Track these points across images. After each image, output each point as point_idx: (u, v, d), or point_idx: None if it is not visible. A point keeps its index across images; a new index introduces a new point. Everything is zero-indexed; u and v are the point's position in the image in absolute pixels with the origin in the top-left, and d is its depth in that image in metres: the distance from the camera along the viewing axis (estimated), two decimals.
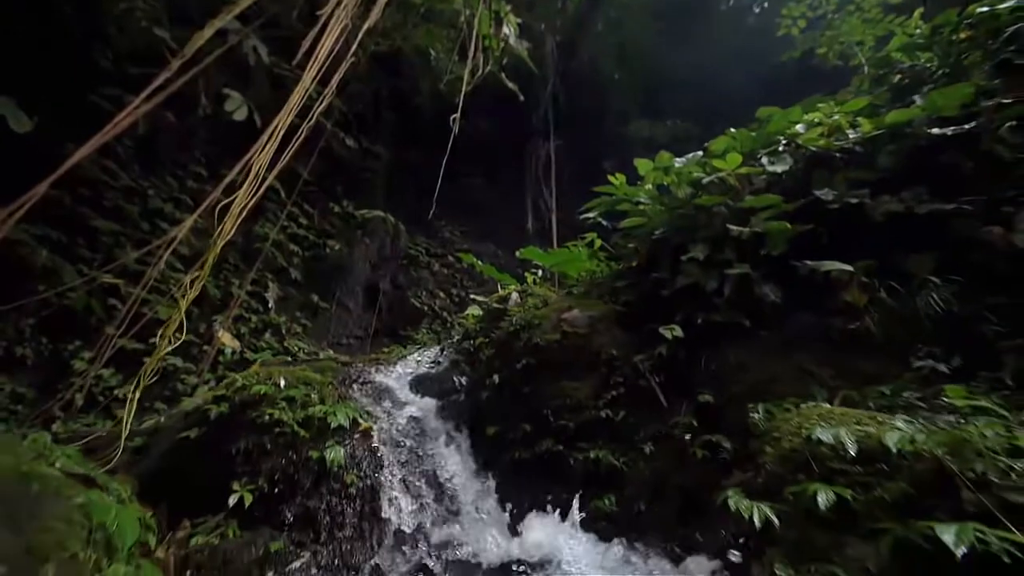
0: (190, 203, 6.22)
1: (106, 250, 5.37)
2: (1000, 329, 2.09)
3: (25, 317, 4.74)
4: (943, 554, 1.08)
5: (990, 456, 1.27)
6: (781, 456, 1.56)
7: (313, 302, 7.16)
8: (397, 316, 7.52)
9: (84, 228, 5.24)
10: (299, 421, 2.49)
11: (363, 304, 7.67)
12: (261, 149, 2.63)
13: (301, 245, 7.31)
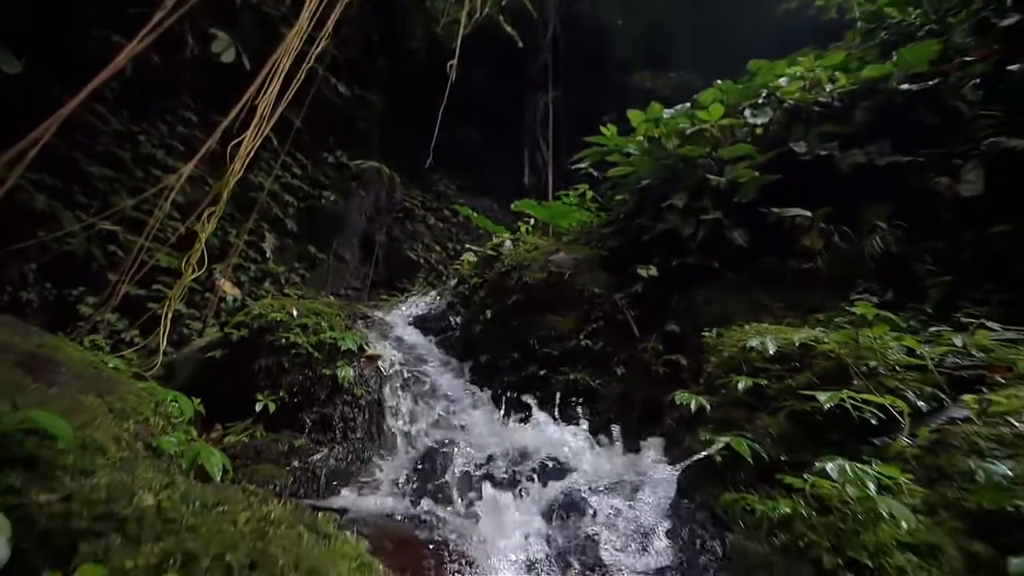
0: (181, 149, 6.31)
1: (102, 197, 5.51)
2: (932, 268, 2.42)
3: (27, 262, 4.98)
4: (823, 416, 1.45)
5: (880, 353, 1.63)
6: (721, 362, 1.93)
7: (310, 253, 7.41)
8: (393, 268, 7.80)
9: (78, 174, 5.36)
10: (312, 344, 2.84)
11: (360, 256, 7.94)
12: (265, 89, 2.78)
13: (296, 195, 7.45)
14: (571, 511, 1.51)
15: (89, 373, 1.67)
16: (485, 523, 1.44)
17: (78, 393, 1.42)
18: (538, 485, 1.80)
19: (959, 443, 1.16)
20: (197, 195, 4.85)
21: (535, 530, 1.39)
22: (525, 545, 1.28)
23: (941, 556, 0.93)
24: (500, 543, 1.29)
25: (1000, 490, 0.98)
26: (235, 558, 0.80)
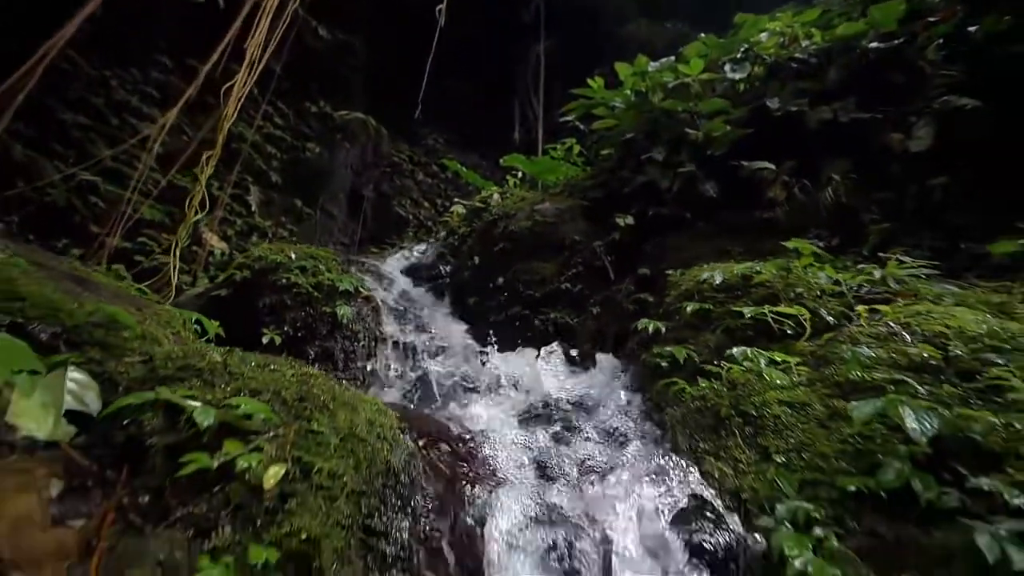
0: (156, 96, 6.25)
1: (78, 146, 5.51)
2: (876, 218, 2.76)
3: (9, 214, 5.05)
4: (750, 328, 1.81)
5: (806, 281, 1.98)
6: (678, 294, 2.27)
7: (297, 207, 7.51)
8: (382, 224, 7.96)
9: (53, 122, 5.34)
10: (312, 285, 3.12)
11: (347, 211, 8.06)
12: (254, 31, 2.88)
13: (279, 147, 7.45)
14: (545, 407, 1.89)
15: (122, 292, 1.95)
16: (476, 411, 1.80)
17: (120, 304, 1.70)
18: (517, 394, 2.17)
19: (844, 339, 1.53)
20: (176, 144, 4.92)
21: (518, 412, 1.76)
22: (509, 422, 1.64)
23: (809, 409, 1.30)
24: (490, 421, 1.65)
25: (862, 367, 1.35)
26: (288, 393, 1.12)
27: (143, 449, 1.05)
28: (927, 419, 1.05)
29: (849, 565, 0.89)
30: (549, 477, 1.27)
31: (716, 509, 1.07)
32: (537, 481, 1.25)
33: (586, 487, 1.21)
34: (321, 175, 7.68)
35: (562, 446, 1.43)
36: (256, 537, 0.89)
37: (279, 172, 7.22)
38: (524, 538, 1.01)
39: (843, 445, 1.14)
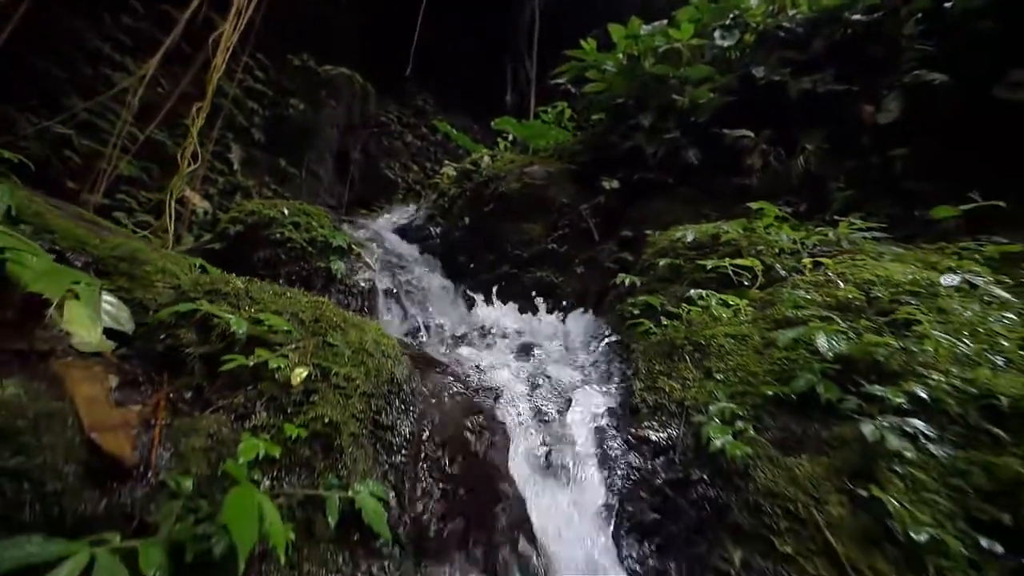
0: (128, 44, 6.06)
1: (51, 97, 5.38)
2: (841, 185, 3.00)
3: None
4: (712, 279, 2.05)
5: (766, 240, 2.22)
6: (654, 251, 2.50)
7: (281, 166, 7.46)
8: (370, 187, 7.97)
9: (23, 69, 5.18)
10: (306, 240, 3.26)
11: (334, 173, 8.02)
12: None
13: (260, 102, 7.32)
14: (531, 348, 2.13)
15: (132, 236, 2.09)
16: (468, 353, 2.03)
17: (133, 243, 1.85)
18: (504, 341, 2.41)
19: (788, 286, 1.78)
20: (152, 97, 4.85)
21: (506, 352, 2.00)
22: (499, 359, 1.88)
23: (748, 340, 1.55)
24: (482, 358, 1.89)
25: (796, 306, 1.60)
26: (304, 315, 1.33)
27: (181, 358, 1.25)
28: (836, 341, 1.31)
29: (759, 446, 1.16)
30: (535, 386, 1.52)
31: (664, 412, 1.33)
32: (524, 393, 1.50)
33: (564, 396, 1.46)
34: (306, 134, 7.58)
35: (545, 375, 1.68)
36: (287, 420, 1.11)
37: (261, 129, 7.12)
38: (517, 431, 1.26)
39: (771, 366, 1.40)
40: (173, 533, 0.88)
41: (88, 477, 0.89)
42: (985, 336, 1.48)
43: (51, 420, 0.89)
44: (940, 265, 1.91)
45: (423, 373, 1.51)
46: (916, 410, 1.18)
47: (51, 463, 0.85)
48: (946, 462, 1.11)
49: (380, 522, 1.05)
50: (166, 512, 0.90)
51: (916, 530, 0.98)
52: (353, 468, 1.13)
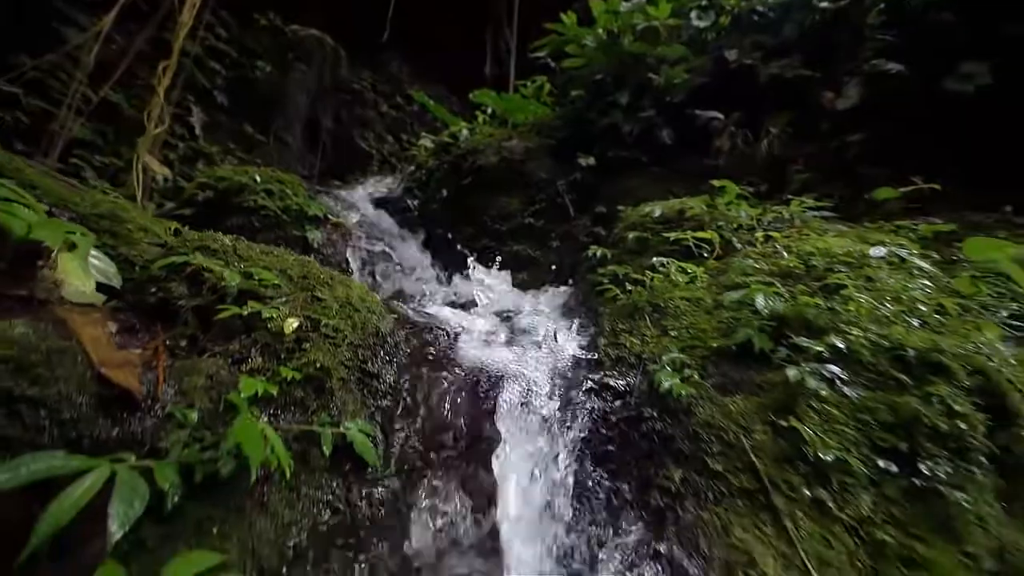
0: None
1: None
2: (800, 168, 3.24)
3: None
4: (676, 252, 2.24)
5: (727, 216, 2.42)
6: (625, 225, 2.67)
7: (247, 133, 7.22)
8: (343, 158, 7.83)
9: None
10: (280, 208, 3.28)
11: (303, 141, 7.82)
12: None
13: (223, 63, 7.02)
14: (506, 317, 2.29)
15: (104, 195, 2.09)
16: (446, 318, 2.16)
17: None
18: (482, 309, 2.55)
19: (740, 256, 1.98)
20: (106, 55, 4.63)
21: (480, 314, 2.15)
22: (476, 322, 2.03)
23: (701, 302, 1.75)
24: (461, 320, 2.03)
25: (744, 273, 1.81)
26: (292, 272, 1.43)
27: (173, 309, 1.34)
28: (773, 302, 1.52)
29: (701, 388, 1.36)
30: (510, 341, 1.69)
31: (624, 363, 1.52)
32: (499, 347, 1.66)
33: (535, 350, 1.62)
34: (273, 98, 7.34)
35: (519, 333, 1.84)
36: (281, 364, 1.23)
37: (225, 92, 6.85)
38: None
39: (718, 324, 1.60)
40: (183, 456, 1.01)
41: (100, 407, 1.00)
42: (905, 301, 1.72)
43: (62, 356, 0.98)
44: (874, 240, 2.16)
45: (404, 330, 1.64)
46: (835, 359, 1.41)
47: (65, 393, 0.95)
48: (856, 401, 1.34)
49: (369, 452, 1.19)
50: (175, 440, 1.02)
51: (825, 452, 1.21)
52: (343, 408, 1.26)
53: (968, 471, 1.26)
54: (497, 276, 3.24)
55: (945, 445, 1.27)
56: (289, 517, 1.05)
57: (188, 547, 0.93)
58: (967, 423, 1.31)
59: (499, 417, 1.33)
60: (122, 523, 0.83)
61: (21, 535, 0.86)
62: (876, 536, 1.11)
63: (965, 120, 3.15)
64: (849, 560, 1.05)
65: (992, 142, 3.08)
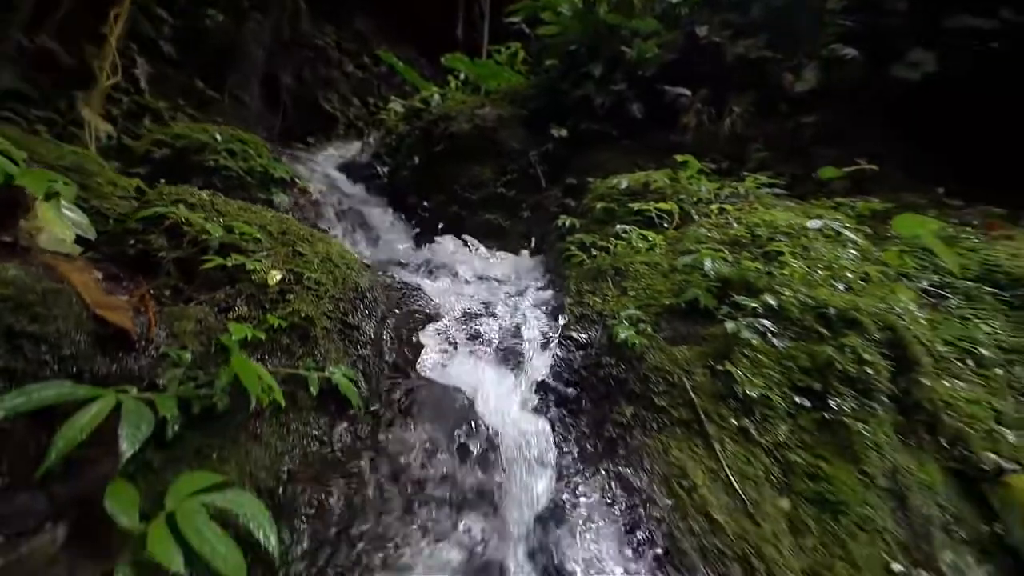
0: None
1: None
2: (759, 147, 3.49)
3: None
4: (638, 222, 2.43)
5: (688, 189, 2.62)
6: (594, 196, 2.84)
7: (198, 88, 6.83)
8: (306, 119, 7.55)
9: None
10: (244, 170, 3.24)
11: (262, 100, 7.47)
12: None
13: (171, 10, 6.56)
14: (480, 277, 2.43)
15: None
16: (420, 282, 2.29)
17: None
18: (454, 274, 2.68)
19: (696, 226, 2.19)
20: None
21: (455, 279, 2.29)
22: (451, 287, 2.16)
23: (658, 266, 1.95)
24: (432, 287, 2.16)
25: (697, 241, 2.02)
26: (272, 228, 1.51)
27: (154, 261, 1.40)
28: (719, 266, 1.74)
29: (653, 339, 1.57)
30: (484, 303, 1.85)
31: (587, 319, 1.71)
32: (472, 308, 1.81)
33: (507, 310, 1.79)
34: (226, 51, 6.93)
35: (491, 295, 1.99)
36: (267, 313, 1.33)
37: (172, 43, 6.42)
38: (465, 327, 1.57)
39: (672, 285, 1.81)
40: (180, 392, 1.11)
41: (98, 345, 1.08)
42: (834, 268, 1.99)
43: (57, 297, 1.05)
44: (815, 215, 2.42)
45: (381, 288, 1.76)
46: (768, 315, 1.64)
47: (64, 331, 1.03)
48: (782, 349, 1.58)
49: (353, 394, 1.33)
50: (171, 377, 1.12)
51: (752, 390, 1.45)
52: (327, 356, 1.39)
53: (870, 408, 1.53)
54: (469, 243, 3.36)
55: (853, 386, 1.54)
56: (281, 447, 1.18)
57: (190, 469, 1.05)
58: (873, 369, 1.58)
59: (476, 364, 1.49)
60: (131, 443, 0.94)
61: (32, 458, 0.96)
62: (789, 457, 1.36)
63: (910, 106, 3.47)
64: (765, 475, 1.30)
65: (932, 128, 3.42)
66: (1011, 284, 2.48)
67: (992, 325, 2.23)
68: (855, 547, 1.20)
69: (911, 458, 1.54)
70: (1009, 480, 1.59)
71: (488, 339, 1.64)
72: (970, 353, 2.02)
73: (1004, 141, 3.26)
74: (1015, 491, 1.57)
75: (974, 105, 3.36)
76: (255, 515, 0.96)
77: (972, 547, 1.48)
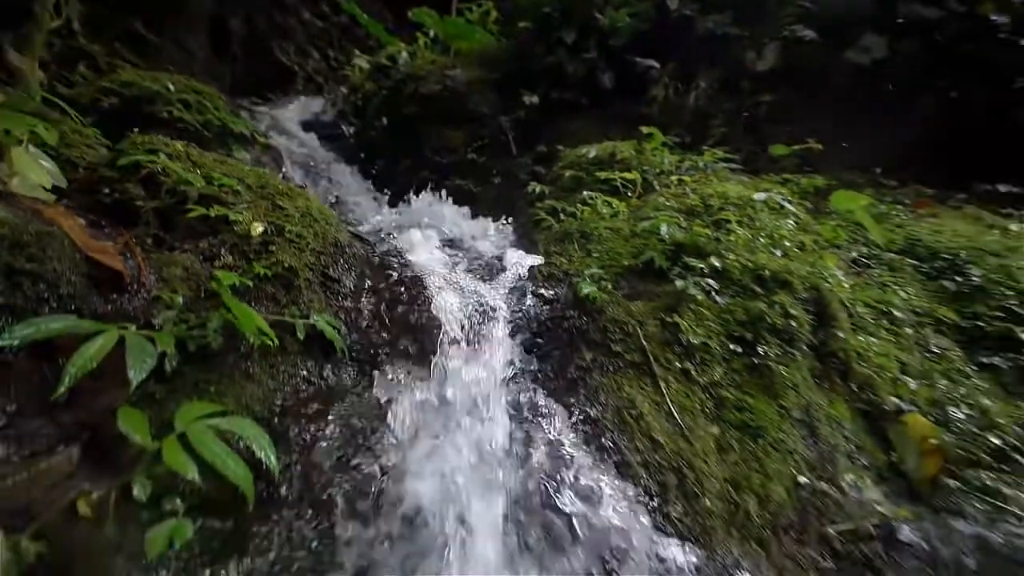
0: None
1: None
2: (719, 123, 3.74)
3: None
4: (602, 189, 2.61)
5: (651, 161, 2.82)
6: (563, 165, 3.00)
7: (137, 32, 6.34)
8: (259, 71, 7.17)
9: None
10: (200, 123, 3.16)
11: (210, 48, 7.02)
12: None
13: None
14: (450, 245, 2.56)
15: None
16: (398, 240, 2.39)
17: None
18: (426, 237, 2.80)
19: (656, 195, 2.40)
20: None
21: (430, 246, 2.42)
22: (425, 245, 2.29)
23: (621, 231, 2.15)
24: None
25: (656, 209, 2.23)
26: (250, 181, 1.58)
27: (132, 210, 1.45)
28: (674, 231, 1.95)
29: (612, 295, 1.78)
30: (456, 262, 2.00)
31: (554, 278, 1.89)
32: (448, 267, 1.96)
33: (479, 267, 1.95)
34: None
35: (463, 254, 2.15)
36: (251, 264, 1.43)
37: None
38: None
39: (632, 248, 2.02)
40: (175, 331, 1.22)
41: (93, 286, 1.16)
42: (774, 236, 2.26)
43: (50, 238, 1.12)
44: (763, 189, 2.69)
45: (358, 244, 1.86)
46: (713, 275, 1.89)
47: (60, 270, 1.11)
48: (722, 305, 1.83)
49: (337, 340, 1.47)
50: (165, 318, 1.22)
51: (694, 338, 1.69)
52: (310, 305, 1.51)
53: (792, 355, 1.82)
54: (441, 204, 3.46)
55: (779, 336, 1.81)
56: (272, 385, 1.32)
57: (190, 401, 1.17)
58: (797, 322, 1.86)
59: (453, 318, 1.65)
60: (139, 371, 1.05)
61: (37, 389, 1.06)
62: (721, 393, 1.63)
63: (859, 89, 3.79)
64: (700, 407, 1.56)
65: (877, 111, 3.77)
66: (930, 257, 2.88)
67: (908, 292, 2.61)
68: (769, 463, 1.48)
69: (823, 398, 1.86)
70: (906, 419, 1.94)
71: (463, 294, 1.80)
72: (885, 314, 2.37)
73: (938, 127, 3.64)
74: (910, 428, 1.92)
75: (915, 91, 3.72)
76: (256, 437, 1.11)
77: (871, 471, 1.82)
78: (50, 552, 0.82)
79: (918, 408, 1.99)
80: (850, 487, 1.70)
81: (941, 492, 1.78)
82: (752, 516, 1.33)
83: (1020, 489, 1.88)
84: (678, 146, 3.48)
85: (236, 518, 1.02)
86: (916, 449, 1.84)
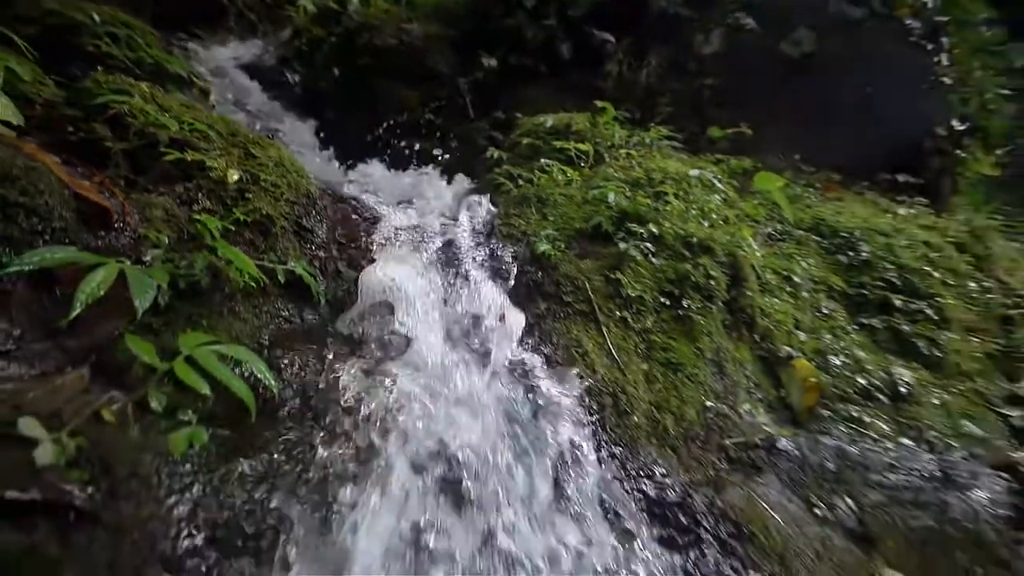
0: None
1: None
2: (667, 102, 4.10)
3: None
4: (560, 158, 2.88)
5: (603, 134, 3.11)
6: (520, 132, 3.21)
7: None
8: (184, 6, 6.56)
9: None
10: (132, 60, 3.00)
11: None
12: None
13: None
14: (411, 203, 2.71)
15: None
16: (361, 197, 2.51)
17: None
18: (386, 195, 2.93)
19: (606, 166, 2.71)
20: None
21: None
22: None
23: (573, 197, 2.43)
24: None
25: (605, 179, 2.53)
26: (221, 128, 1.67)
27: (100, 151, 1.50)
28: (620, 199, 2.27)
29: (565, 254, 2.07)
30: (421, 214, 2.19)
31: (513, 238, 2.15)
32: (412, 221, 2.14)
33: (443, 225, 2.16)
34: None
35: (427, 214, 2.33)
36: (230, 210, 1.55)
37: None
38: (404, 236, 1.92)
39: (583, 213, 2.31)
40: (166, 269, 1.34)
41: (82, 222, 1.25)
42: (704, 209, 2.65)
43: (39, 173, 1.19)
44: (698, 166, 3.08)
45: (329, 199, 2.00)
46: (650, 240, 2.23)
47: (52, 205, 1.19)
48: (656, 265, 2.19)
49: (314, 284, 1.64)
50: (154, 256, 1.34)
51: (633, 291, 2.03)
52: (286, 252, 1.66)
53: (709, 308, 2.23)
54: (399, 164, 3.56)
55: (700, 293, 2.21)
56: (258, 323, 1.48)
57: (186, 331, 1.31)
58: (715, 282, 2.27)
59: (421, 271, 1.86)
60: (143, 301, 1.19)
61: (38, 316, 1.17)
62: (652, 338, 1.99)
63: (790, 79, 4.28)
64: (634, 348, 1.91)
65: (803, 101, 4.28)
66: (831, 235, 3.44)
67: (809, 263, 3.14)
68: (685, 391, 1.88)
69: (732, 344, 2.30)
70: (794, 363, 2.43)
71: (429, 250, 2.01)
72: (788, 280, 2.87)
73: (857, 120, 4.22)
74: (797, 370, 2.41)
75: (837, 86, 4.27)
76: (254, 361, 1.29)
77: (763, 403, 2.30)
78: (88, 446, 0.98)
79: (805, 355, 2.50)
80: (746, 413, 2.16)
81: (816, 419, 2.30)
82: (669, 429, 1.71)
83: (877, 419, 2.46)
84: (628, 121, 3.80)
85: (240, 428, 1.21)
86: (800, 387, 2.35)
